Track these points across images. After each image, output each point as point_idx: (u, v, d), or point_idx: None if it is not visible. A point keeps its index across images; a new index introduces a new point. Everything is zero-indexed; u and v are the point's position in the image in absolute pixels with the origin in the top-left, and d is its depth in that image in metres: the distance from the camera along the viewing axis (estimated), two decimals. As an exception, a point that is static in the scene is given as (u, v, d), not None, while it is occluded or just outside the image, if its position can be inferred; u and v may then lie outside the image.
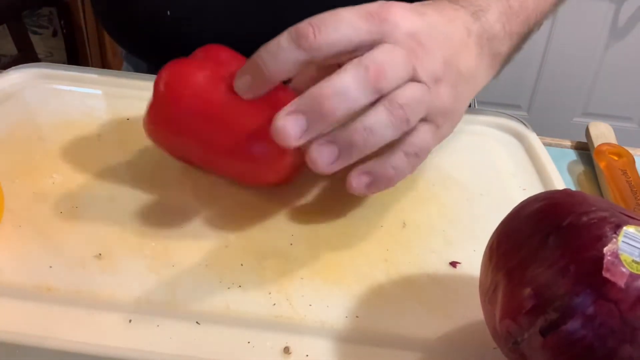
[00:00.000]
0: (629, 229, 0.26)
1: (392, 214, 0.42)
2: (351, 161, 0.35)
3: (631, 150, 0.52)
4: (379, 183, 0.36)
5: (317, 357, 0.31)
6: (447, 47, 0.37)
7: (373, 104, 0.34)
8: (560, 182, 0.46)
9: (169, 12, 0.58)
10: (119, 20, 0.63)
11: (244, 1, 0.56)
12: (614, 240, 0.25)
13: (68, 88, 0.53)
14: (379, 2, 0.36)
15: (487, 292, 0.29)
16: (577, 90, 1.83)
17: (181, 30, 0.59)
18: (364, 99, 0.33)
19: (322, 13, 0.34)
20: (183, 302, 0.34)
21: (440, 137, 0.39)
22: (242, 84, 0.36)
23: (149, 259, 0.36)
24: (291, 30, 0.34)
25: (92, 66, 1.08)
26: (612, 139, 0.54)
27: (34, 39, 1.62)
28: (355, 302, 0.35)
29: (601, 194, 0.49)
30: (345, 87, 0.32)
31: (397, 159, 0.36)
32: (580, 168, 0.53)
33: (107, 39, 1.66)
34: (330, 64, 0.37)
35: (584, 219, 0.27)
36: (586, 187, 0.50)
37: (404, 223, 0.41)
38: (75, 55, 1.71)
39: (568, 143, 0.56)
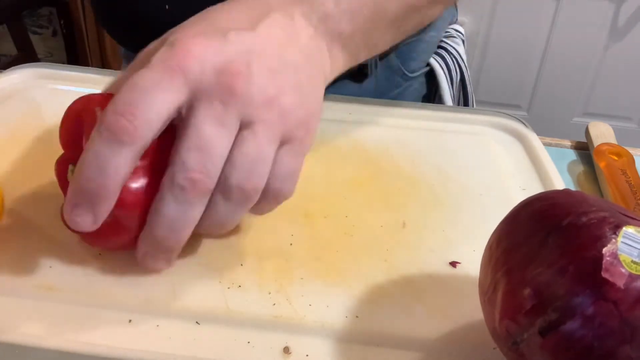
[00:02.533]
0: (629, 230, 0.26)
1: (392, 214, 0.42)
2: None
3: (631, 150, 0.52)
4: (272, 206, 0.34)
5: (317, 357, 0.31)
6: (268, 52, 0.33)
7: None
8: (559, 182, 0.46)
9: (167, 6, 0.57)
10: (117, 17, 0.63)
11: None
12: (614, 240, 0.25)
13: (68, 88, 0.53)
14: (173, 38, 0.31)
15: (487, 292, 0.29)
16: (577, 90, 1.83)
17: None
18: (197, 211, 0.31)
19: (121, 93, 0.30)
20: (183, 302, 0.34)
21: (307, 146, 0.34)
22: (81, 221, 0.30)
23: (149, 259, 0.36)
24: (101, 130, 0.29)
25: (92, 66, 1.08)
26: (612, 139, 0.54)
27: (34, 39, 1.62)
28: (355, 302, 0.35)
29: (601, 194, 0.49)
30: (170, 212, 0.30)
31: (269, 198, 0.33)
32: (580, 168, 0.53)
33: (107, 38, 1.66)
34: None
35: (584, 219, 0.27)
36: (586, 187, 0.50)
37: (404, 223, 0.41)
38: (75, 55, 1.71)
39: (568, 143, 0.56)
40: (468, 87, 0.72)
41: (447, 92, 0.67)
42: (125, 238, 0.33)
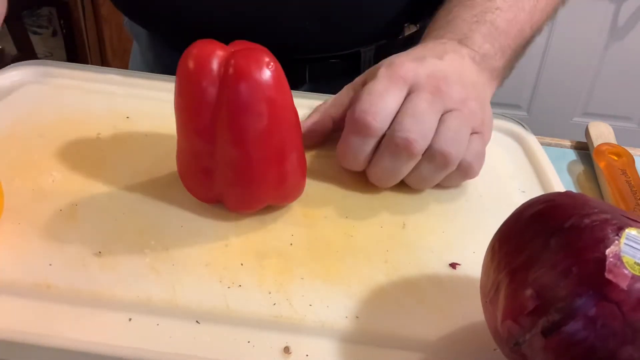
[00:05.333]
0: (631, 231, 0.26)
1: (392, 214, 0.42)
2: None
3: (631, 150, 0.52)
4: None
5: (317, 357, 0.31)
6: (455, 74, 0.42)
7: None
8: (559, 184, 0.46)
9: None
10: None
11: None
12: (616, 242, 0.25)
13: (68, 86, 0.53)
14: (389, 62, 0.42)
15: (489, 292, 0.29)
16: (577, 90, 1.83)
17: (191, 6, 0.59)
18: (405, 167, 0.41)
19: (362, 98, 0.40)
20: (183, 301, 0.34)
21: (486, 141, 0.44)
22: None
23: (149, 258, 0.36)
24: (352, 125, 0.40)
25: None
26: (612, 139, 0.54)
27: (34, 39, 1.62)
28: (355, 302, 0.35)
29: (601, 194, 0.49)
30: (385, 163, 0.41)
31: (462, 170, 0.42)
32: (580, 168, 0.53)
33: (107, 38, 1.65)
34: None
35: (586, 221, 0.27)
36: (586, 187, 0.50)
37: (404, 223, 0.41)
38: (75, 55, 1.71)
39: (568, 143, 0.56)
40: None
41: None
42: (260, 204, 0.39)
